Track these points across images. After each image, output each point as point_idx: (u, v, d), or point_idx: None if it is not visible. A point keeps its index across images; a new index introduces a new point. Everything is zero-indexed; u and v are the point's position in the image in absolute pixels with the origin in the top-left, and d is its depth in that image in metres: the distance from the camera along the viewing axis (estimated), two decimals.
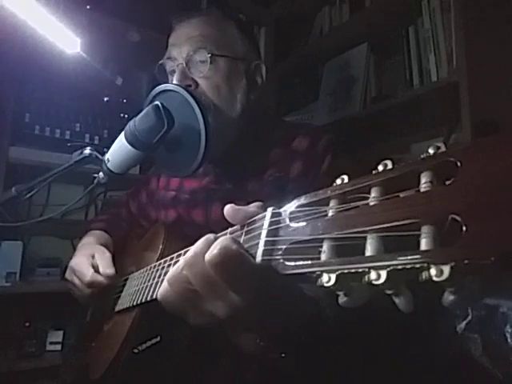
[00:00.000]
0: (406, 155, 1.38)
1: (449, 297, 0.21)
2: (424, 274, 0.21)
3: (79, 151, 0.72)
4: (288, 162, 0.75)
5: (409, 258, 0.21)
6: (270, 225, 0.33)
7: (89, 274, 0.74)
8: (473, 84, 1.05)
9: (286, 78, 1.88)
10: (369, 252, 0.24)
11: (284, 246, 0.31)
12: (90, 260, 0.78)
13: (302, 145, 0.77)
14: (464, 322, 0.83)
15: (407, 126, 1.38)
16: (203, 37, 0.75)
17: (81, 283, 0.77)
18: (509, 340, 0.76)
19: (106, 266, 0.75)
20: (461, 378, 0.82)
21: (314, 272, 0.27)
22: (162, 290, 0.41)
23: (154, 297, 0.53)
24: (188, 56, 0.74)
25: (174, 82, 0.73)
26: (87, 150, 0.71)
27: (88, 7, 1.47)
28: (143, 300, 0.58)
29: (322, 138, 0.76)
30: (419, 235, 0.22)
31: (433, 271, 0.20)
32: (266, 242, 0.32)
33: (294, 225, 0.31)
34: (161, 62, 0.80)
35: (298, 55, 1.78)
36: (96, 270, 0.75)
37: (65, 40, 1.03)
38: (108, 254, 0.79)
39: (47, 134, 1.44)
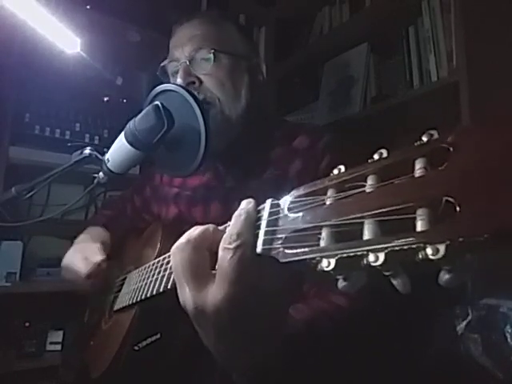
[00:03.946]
0: None
1: (444, 275, 0.22)
2: (421, 254, 0.22)
3: (79, 151, 0.72)
4: (288, 160, 0.76)
5: (405, 239, 0.22)
6: (269, 215, 0.34)
7: (84, 267, 0.77)
8: (473, 84, 1.05)
9: (286, 77, 1.87)
10: (366, 236, 0.25)
11: (284, 235, 0.31)
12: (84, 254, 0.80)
13: (303, 144, 0.77)
14: (464, 322, 0.83)
15: (407, 126, 1.38)
16: (204, 36, 0.76)
17: (79, 278, 0.78)
18: (509, 340, 0.76)
19: (93, 255, 0.78)
20: (461, 378, 0.82)
21: (313, 258, 0.27)
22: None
23: (154, 293, 0.53)
24: (190, 54, 0.75)
25: (178, 80, 0.74)
26: (87, 150, 0.71)
27: (88, 7, 1.47)
28: (142, 297, 0.59)
29: (322, 138, 0.76)
30: (415, 218, 0.23)
31: (429, 250, 0.21)
32: (266, 231, 0.33)
33: (293, 214, 0.31)
34: (163, 64, 0.81)
35: (298, 55, 1.78)
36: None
37: (65, 40, 1.03)
38: (95, 245, 0.81)
39: (47, 134, 1.44)
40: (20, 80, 1.40)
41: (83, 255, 0.80)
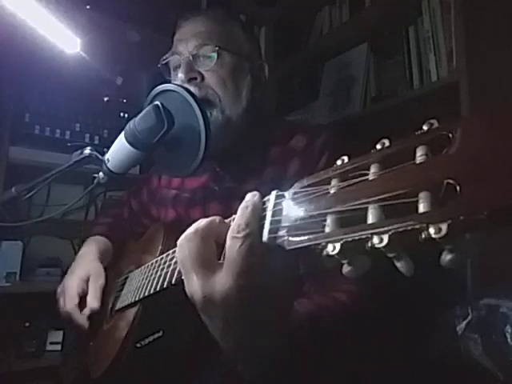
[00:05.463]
0: None
1: (447, 256, 0.23)
2: (424, 234, 0.22)
3: (79, 151, 0.72)
4: (286, 160, 0.76)
5: (408, 220, 0.23)
6: (274, 206, 0.35)
7: (70, 305, 0.76)
8: (473, 84, 1.05)
9: (286, 78, 1.87)
10: (370, 220, 0.25)
11: (289, 224, 0.32)
12: (83, 285, 0.79)
13: (300, 143, 0.77)
14: (464, 322, 0.83)
15: (407, 126, 1.38)
16: (209, 33, 0.76)
17: (62, 307, 0.78)
18: (509, 340, 0.76)
19: (93, 298, 0.76)
20: (461, 378, 0.82)
21: (318, 244, 0.28)
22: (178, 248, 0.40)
23: (158, 289, 0.54)
24: (194, 50, 0.75)
25: (180, 74, 0.74)
26: (87, 150, 0.71)
27: (88, 7, 1.47)
28: (146, 294, 0.59)
29: (319, 137, 0.76)
30: (417, 201, 0.23)
31: (431, 230, 0.22)
32: (272, 221, 0.34)
33: (297, 204, 0.32)
34: (165, 57, 0.81)
35: (298, 55, 1.78)
36: (83, 297, 0.77)
37: (65, 40, 1.03)
38: (101, 283, 0.79)
39: (47, 134, 1.44)
40: (20, 80, 1.40)
41: (82, 285, 0.78)
